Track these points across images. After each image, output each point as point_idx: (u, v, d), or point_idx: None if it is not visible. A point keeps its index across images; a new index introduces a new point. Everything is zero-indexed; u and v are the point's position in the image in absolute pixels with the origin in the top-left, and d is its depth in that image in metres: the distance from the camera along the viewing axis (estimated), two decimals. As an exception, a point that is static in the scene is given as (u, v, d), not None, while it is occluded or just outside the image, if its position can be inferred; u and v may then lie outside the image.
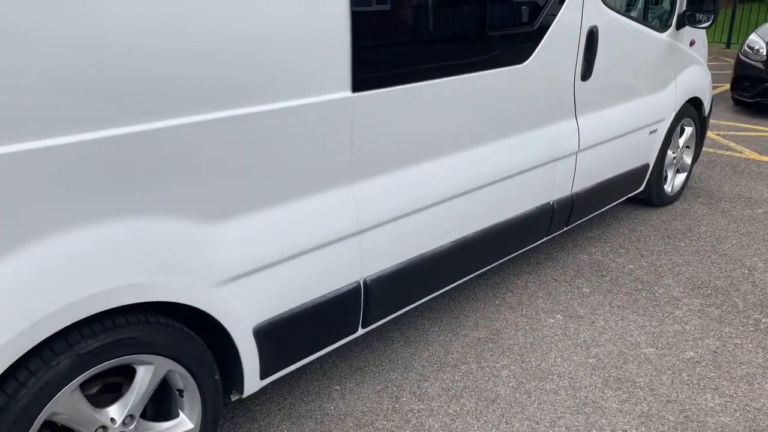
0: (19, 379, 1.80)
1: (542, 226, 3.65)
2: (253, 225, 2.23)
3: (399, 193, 2.71)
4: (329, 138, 2.37)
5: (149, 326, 2.04)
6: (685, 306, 3.61)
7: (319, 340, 2.60)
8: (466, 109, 2.90)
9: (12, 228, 1.71)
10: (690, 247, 4.33)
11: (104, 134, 1.82)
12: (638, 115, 4.20)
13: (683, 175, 5.16)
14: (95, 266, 1.86)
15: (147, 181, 1.94)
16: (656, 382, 2.97)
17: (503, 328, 3.39)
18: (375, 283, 2.72)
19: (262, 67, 2.11)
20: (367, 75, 2.42)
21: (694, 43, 4.66)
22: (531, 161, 3.35)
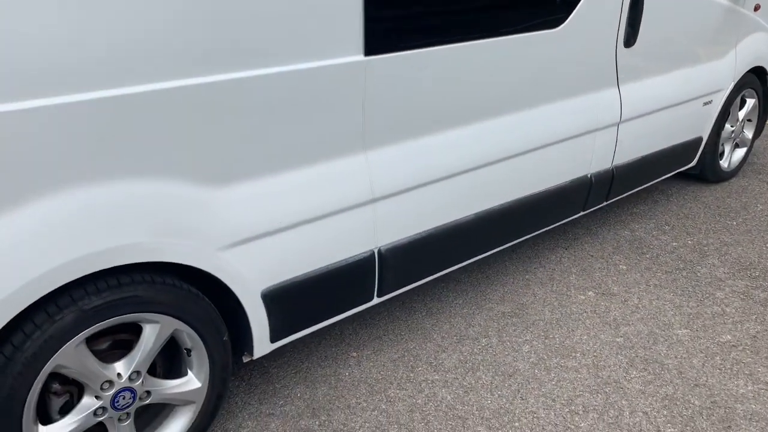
0: (25, 331, 1.87)
1: (578, 201, 3.51)
2: (260, 189, 2.23)
3: (416, 162, 2.65)
4: (340, 103, 2.33)
5: (154, 286, 2.07)
6: (728, 287, 3.42)
7: (331, 307, 2.60)
8: (491, 75, 2.80)
9: (20, 184, 1.76)
10: (742, 226, 4.10)
11: (110, 94, 1.83)
12: (690, 85, 3.96)
13: (743, 150, 4.86)
14: (98, 225, 1.90)
15: (152, 143, 1.95)
16: (686, 364, 2.84)
17: (530, 303, 3.31)
18: (390, 253, 2.69)
19: (268, 29, 2.08)
20: (381, 37, 2.35)
21: (759, 8, 4.35)
22: (565, 132, 3.21)
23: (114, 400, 2.10)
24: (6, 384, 1.85)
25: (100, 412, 2.09)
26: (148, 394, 2.20)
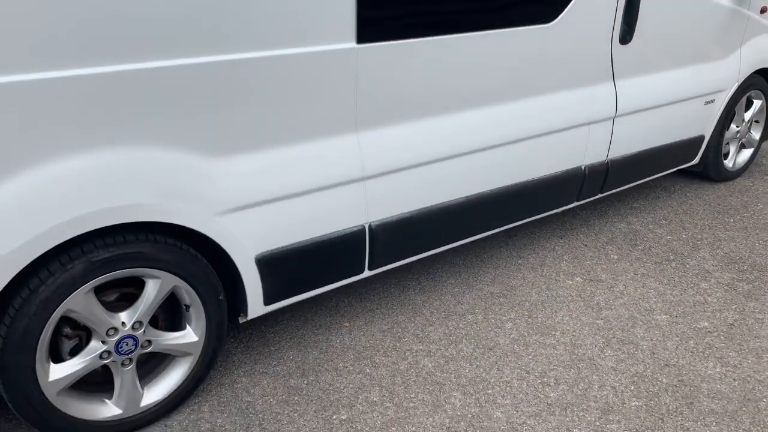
0: (40, 276, 2.12)
1: (571, 191, 3.66)
2: (256, 162, 2.45)
3: (406, 145, 2.84)
4: (333, 87, 2.54)
5: (156, 245, 2.31)
6: (714, 279, 3.54)
7: (323, 276, 2.81)
8: (483, 66, 2.97)
9: (37, 145, 2.00)
10: (739, 224, 4.19)
11: (121, 68, 2.07)
12: (690, 84, 4.07)
13: (749, 151, 4.93)
14: (109, 185, 2.14)
15: (158, 114, 2.18)
16: (659, 346, 2.98)
17: (519, 285, 3.47)
18: (381, 229, 2.88)
19: (267, 14, 2.29)
20: (373, 26, 2.55)
21: (765, 11, 4.42)
22: (557, 124, 3.37)
23: (118, 345, 2.34)
24: (22, 322, 2.11)
25: (106, 355, 2.34)
26: (149, 343, 2.43)
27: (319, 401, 2.66)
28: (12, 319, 2.10)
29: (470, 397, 2.67)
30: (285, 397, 2.68)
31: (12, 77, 1.90)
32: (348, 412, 2.60)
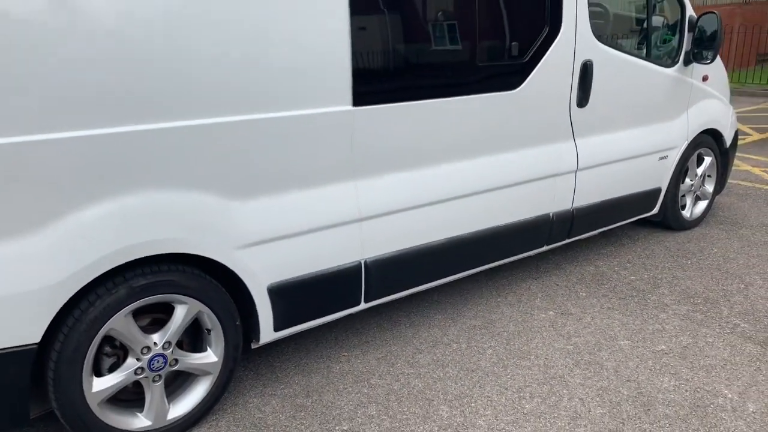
0: (89, 299, 2.52)
1: (541, 235, 4.13)
2: (269, 204, 2.90)
3: (397, 191, 3.31)
4: (333, 142, 3.03)
5: (185, 274, 2.73)
6: (671, 311, 3.97)
7: (324, 306, 3.22)
8: (460, 126, 3.49)
9: (92, 189, 2.45)
10: (696, 265, 4.66)
11: (159, 126, 2.55)
12: (644, 142, 4.62)
13: (704, 202, 5.46)
14: (145, 222, 2.58)
15: (189, 163, 2.65)
16: (622, 366, 3.38)
17: (498, 319, 3.88)
18: (375, 265, 3.32)
19: (279, 84, 2.80)
20: (366, 92, 3.07)
21: (707, 79, 5.04)
22: (525, 175, 3.87)
23: (150, 362, 2.72)
24: (74, 339, 2.49)
25: (140, 371, 2.71)
26: (176, 362, 2.81)
27: (322, 416, 3.01)
28: (65, 336, 2.49)
29: (456, 409, 3.04)
30: (292, 413, 3.03)
31: (71, 133, 2.36)
32: (348, 423, 2.96)
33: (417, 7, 3.23)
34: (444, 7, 3.34)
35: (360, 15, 2.97)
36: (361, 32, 3.00)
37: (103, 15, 2.35)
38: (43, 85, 2.28)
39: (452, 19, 3.38)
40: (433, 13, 3.32)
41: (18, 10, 2.20)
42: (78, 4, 2.30)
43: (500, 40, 3.57)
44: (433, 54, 3.32)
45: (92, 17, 2.33)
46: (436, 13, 3.33)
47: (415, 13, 3.23)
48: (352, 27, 2.95)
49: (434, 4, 3.31)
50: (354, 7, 2.93)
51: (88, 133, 2.41)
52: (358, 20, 2.97)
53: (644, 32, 4.55)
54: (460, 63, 3.42)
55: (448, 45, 3.38)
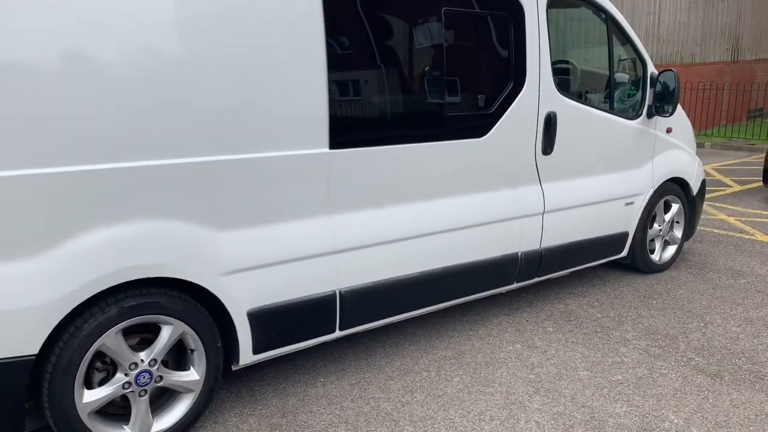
0: (84, 317, 2.80)
1: (509, 273, 4.41)
2: (250, 235, 3.21)
3: (370, 227, 3.62)
4: (310, 181, 3.36)
5: (171, 297, 3.01)
6: (631, 345, 4.22)
7: (301, 332, 3.49)
8: (430, 168, 3.82)
9: (88, 218, 2.76)
10: (660, 305, 4.92)
11: (147, 163, 2.87)
12: (610, 188, 4.94)
13: (673, 247, 5.75)
14: (140, 248, 2.88)
15: (177, 196, 2.97)
16: (579, 394, 3.61)
17: (468, 350, 4.13)
18: (349, 294, 3.60)
19: (262, 128, 3.14)
20: (342, 137, 3.41)
21: (671, 131, 5.40)
22: (492, 216, 4.18)
23: (137, 378, 2.98)
24: (68, 352, 2.77)
25: (127, 386, 2.97)
26: (161, 378, 3.07)
27: (295, 434, 3.25)
28: (61, 349, 2.76)
29: (419, 429, 3.27)
30: (268, 431, 3.27)
31: (72, 167, 2.69)
32: (319, 440, 3.20)
33: (389, 62, 3.60)
34: (414, 62, 3.72)
35: (336, 71, 3.33)
36: (337, 85, 3.36)
37: (109, 67, 2.71)
38: (53, 126, 2.62)
39: (423, 72, 3.75)
40: (405, 66, 3.70)
41: (28, 62, 2.56)
42: (84, 56, 2.66)
43: (468, 93, 3.93)
44: (405, 103, 3.68)
45: (99, 68, 2.69)
46: (408, 66, 3.70)
47: (388, 67, 3.59)
48: (329, 81, 3.31)
49: (406, 58, 3.69)
50: (330, 63, 3.29)
51: (88, 168, 2.73)
52: (334, 75, 3.33)
53: (608, 87, 4.93)
54: (430, 112, 3.78)
55: (419, 95, 3.75)
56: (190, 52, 2.90)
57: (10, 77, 2.52)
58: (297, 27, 3.18)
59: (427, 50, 3.76)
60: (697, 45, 17.27)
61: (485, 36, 4.01)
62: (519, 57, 4.11)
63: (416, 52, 3.73)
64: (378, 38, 3.52)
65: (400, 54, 3.68)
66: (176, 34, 2.87)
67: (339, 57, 3.36)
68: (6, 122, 2.53)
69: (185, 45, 2.89)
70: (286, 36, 3.16)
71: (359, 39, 3.46)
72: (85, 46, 2.66)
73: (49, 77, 2.60)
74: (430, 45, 3.76)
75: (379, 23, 3.54)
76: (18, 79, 2.53)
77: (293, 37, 3.17)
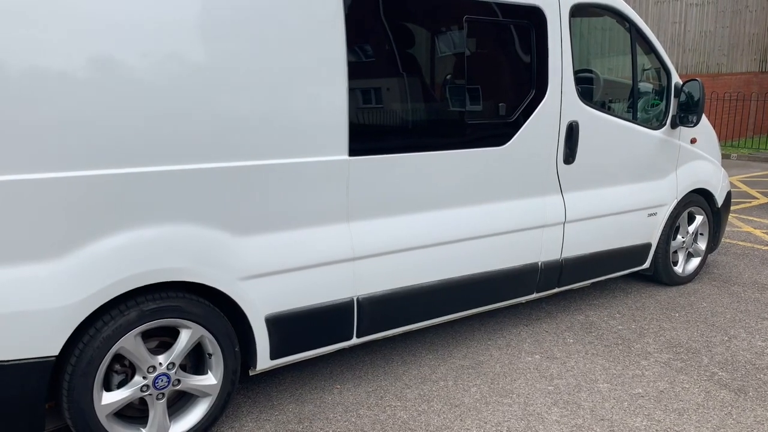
0: (103, 319, 2.83)
1: (530, 283, 4.37)
2: (269, 241, 3.22)
3: (389, 234, 3.61)
4: (330, 187, 3.36)
5: (191, 301, 3.03)
6: (653, 358, 4.15)
7: (318, 338, 3.49)
8: (449, 176, 3.81)
9: (111, 222, 2.79)
10: (683, 318, 4.84)
11: (168, 168, 2.90)
12: (633, 198, 4.88)
13: (697, 259, 5.65)
14: (161, 252, 2.90)
15: (198, 202, 2.99)
16: (598, 406, 3.56)
17: (486, 360, 4.10)
18: (367, 301, 3.59)
19: (284, 135, 3.16)
20: (361, 144, 3.41)
21: (695, 141, 5.32)
22: (513, 225, 4.15)
23: (155, 381, 3.00)
24: (88, 354, 2.79)
25: (145, 388, 2.99)
26: (179, 382, 3.09)
27: (311, 441, 3.24)
28: (81, 351, 2.79)
29: (436, 439, 3.25)
30: (284, 437, 3.27)
31: (95, 171, 2.72)
32: (335, 448, 3.19)
33: (410, 70, 3.60)
34: (436, 70, 3.72)
35: (356, 78, 3.34)
36: (357, 93, 3.36)
37: (133, 72, 2.75)
38: (75, 131, 2.66)
39: (444, 80, 3.74)
40: (426, 74, 3.69)
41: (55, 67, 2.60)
42: (108, 61, 2.70)
43: (489, 100, 3.92)
44: (425, 111, 3.68)
45: (124, 73, 2.73)
46: (428, 74, 3.70)
47: (408, 75, 3.60)
48: (349, 89, 3.32)
49: (427, 66, 3.68)
50: (351, 71, 3.30)
51: (110, 172, 2.77)
52: (354, 83, 3.34)
53: (631, 96, 4.88)
54: (451, 120, 3.77)
55: (439, 103, 3.74)
56: (211, 60, 2.93)
57: (33, 82, 2.56)
58: (319, 35, 3.20)
59: (448, 58, 3.76)
60: (724, 55, 17.05)
61: (507, 44, 3.99)
62: (541, 65, 4.09)
63: (437, 60, 3.73)
64: (399, 46, 3.53)
65: (421, 62, 3.68)
66: (200, 41, 2.89)
67: (360, 65, 3.37)
68: (31, 127, 2.57)
69: (208, 52, 2.92)
70: (308, 44, 3.17)
71: (380, 47, 3.47)
72: (110, 53, 2.70)
73: (72, 82, 2.63)
74: (451, 53, 3.75)
75: (401, 31, 3.54)
76: (41, 85, 2.57)
77: (315, 45, 3.19)
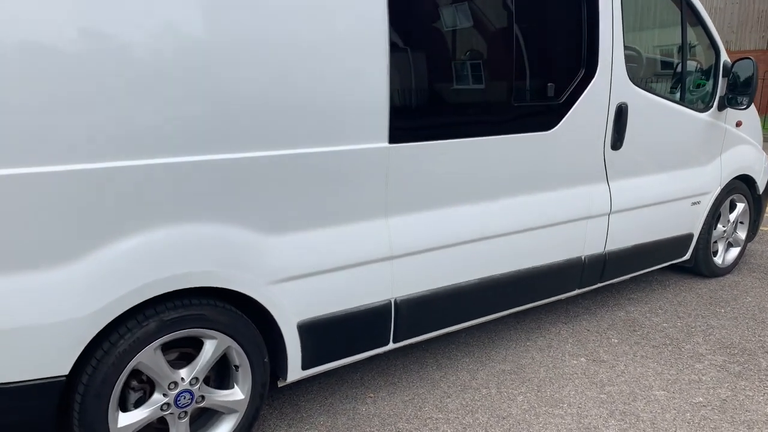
0: (119, 332, 2.48)
1: (573, 278, 4.04)
2: (301, 240, 2.86)
3: (429, 229, 3.26)
4: (368, 179, 3.00)
5: (216, 308, 2.68)
6: (707, 361, 3.84)
7: (353, 345, 3.15)
8: (495, 165, 3.45)
9: (120, 222, 2.43)
10: (730, 314, 4.53)
11: (185, 159, 2.52)
12: (677, 186, 4.55)
13: (736, 249, 5.34)
14: (182, 255, 2.54)
15: (221, 197, 2.62)
16: (659, 418, 3.25)
17: (528, 364, 3.78)
18: (405, 304, 3.25)
19: (315, 120, 2.78)
20: (402, 130, 3.04)
21: (740, 124, 4.98)
22: (559, 217, 3.81)
23: (177, 398, 2.66)
24: (102, 372, 2.44)
25: (165, 407, 2.64)
26: (203, 399, 2.75)
27: (349, 460, 2.92)
28: (94, 369, 2.43)
29: (487, 458, 2.94)
30: (318, 456, 2.94)
31: (99, 164, 2.34)
32: (376, 469, 2.86)
33: (454, 47, 3.22)
34: (480, 47, 3.34)
35: (398, 53, 2.97)
36: (399, 70, 2.99)
37: (139, 47, 2.36)
38: (79, 118, 2.28)
39: (488, 60, 3.36)
40: (470, 52, 3.31)
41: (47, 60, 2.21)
42: (120, 40, 2.31)
43: (536, 80, 3.55)
44: (469, 93, 3.30)
45: (134, 53, 2.34)
46: (472, 53, 3.32)
47: (453, 52, 3.22)
48: (391, 65, 2.94)
49: (471, 43, 3.30)
50: (393, 45, 2.93)
51: (117, 164, 2.38)
52: (396, 58, 2.96)
53: (678, 76, 4.52)
54: (496, 102, 3.40)
55: (483, 84, 3.36)
56: (223, 32, 2.54)
57: (28, 60, 2.17)
58: (358, 7, 2.81)
59: (494, 34, 3.37)
60: (733, 32, 16.70)
61: (556, 18, 3.61)
62: (591, 41, 3.72)
63: (482, 39, 3.34)
64: (442, 23, 3.14)
65: (465, 40, 3.29)
66: (214, 12, 2.50)
67: (401, 41, 2.98)
68: (24, 113, 2.19)
69: (222, 23, 2.52)
70: (344, 16, 2.78)
71: (423, 22, 3.08)
72: (117, 32, 2.31)
73: (69, 60, 2.25)
74: (497, 30, 3.37)
75: (444, 7, 3.15)
76: (37, 63, 2.19)
77: (352, 17, 2.80)
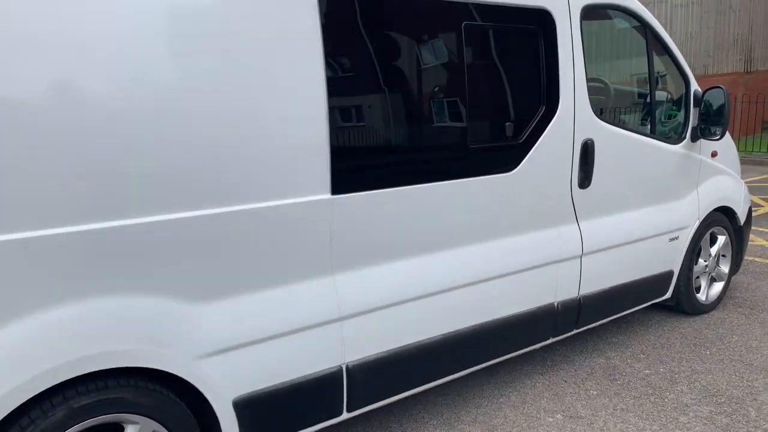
0: (21, 424, 2.18)
1: (546, 327, 3.78)
2: (232, 307, 2.59)
3: (381, 285, 3.00)
4: (309, 234, 2.74)
5: (137, 390, 2.39)
6: (692, 412, 3.57)
7: (301, 419, 2.85)
8: (451, 212, 3.21)
9: (24, 299, 2.15)
10: (715, 356, 4.27)
11: (104, 225, 2.26)
12: (653, 222, 4.32)
13: (720, 284, 5.10)
14: (87, 334, 2.26)
15: (141, 265, 2.35)
16: (641, 484, 2.97)
17: (500, 425, 3.49)
18: (358, 369, 2.97)
19: (249, 173, 2.54)
20: (346, 180, 2.80)
21: (716, 154, 4.78)
22: (526, 262, 3.56)
23: (93, 494, 2.35)
24: (0, 472, 2.14)
25: (81, 507, 2.33)
26: (125, 492, 2.44)
27: None
28: (-13, 472, 2.13)
29: None
30: None
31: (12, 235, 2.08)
32: None
33: (403, 87, 3.00)
34: (431, 87, 3.12)
35: (338, 96, 2.74)
36: (340, 113, 2.76)
37: (56, 110, 2.12)
38: None
39: (441, 99, 3.14)
40: (420, 90, 3.10)
41: None
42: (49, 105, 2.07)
43: (493, 120, 3.34)
44: (421, 135, 3.08)
45: (57, 115, 2.10)
46: (422, 91, 3.10)
47: (402, 93, 3.00)
48: (330, 108, 2.71)
49: (420, 81, 3.09)
50: (331, 87, 2.70)
51: (18, 236, 2.12)
52: (336, 101, 2.73)
53: (648, 108, 4.33)
54: (450, 145, 3.18)
55: (436, 125, 3.14)
56: (158, 83, 2.31)
57: None
58: (291, 49, 2.59)
59: (445, 72, 3.16)
60: (710, 56, 16.72)
61: (512, 53, 3.41)
62: (551, 77, 3.51)
63: (433, 76, 3.13)
64: (387, 60, 2.93)
65: (415, 79, 3.07)
66: (150, 62, 2.27)
67: (339, 84, 2.76)
68: None
69: (156, 75, 2.29)
70: (279, 60, 2.56)
71: (363, 62, 2.86)
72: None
73: None
74: (449, 66, 3.15)
75: (389, 42, 2.94)
76: None
77: (287, 61, 2.58)
